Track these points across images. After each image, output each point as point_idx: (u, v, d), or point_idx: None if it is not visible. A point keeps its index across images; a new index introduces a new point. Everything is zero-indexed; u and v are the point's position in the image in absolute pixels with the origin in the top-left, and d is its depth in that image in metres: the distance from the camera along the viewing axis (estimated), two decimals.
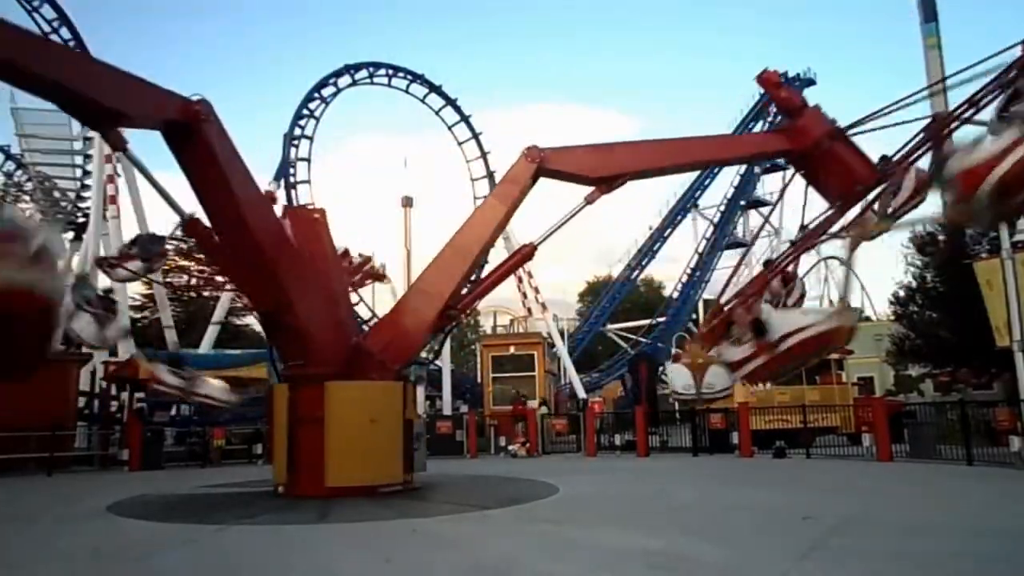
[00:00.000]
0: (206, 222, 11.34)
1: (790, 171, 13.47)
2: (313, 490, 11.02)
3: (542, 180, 12.30)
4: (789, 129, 11.96)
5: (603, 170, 11.93)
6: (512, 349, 27.68)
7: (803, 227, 11.38)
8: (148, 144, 11.74)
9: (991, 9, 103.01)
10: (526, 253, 12.78)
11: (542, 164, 12.02)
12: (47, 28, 28.08)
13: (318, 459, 11.19)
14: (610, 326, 52.59)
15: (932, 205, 9.61)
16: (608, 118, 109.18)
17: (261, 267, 11.34)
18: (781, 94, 12.03)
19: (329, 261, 13.55)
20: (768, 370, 9.61)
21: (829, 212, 11.22)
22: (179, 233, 22.52)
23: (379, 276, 20.75)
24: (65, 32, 28.28)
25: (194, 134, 10.34)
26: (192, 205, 11.40)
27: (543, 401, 25.57)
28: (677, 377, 11.71)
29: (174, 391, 14.08)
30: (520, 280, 33.79)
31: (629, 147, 12.80)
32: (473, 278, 14.28)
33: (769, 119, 46.99)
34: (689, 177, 51.28)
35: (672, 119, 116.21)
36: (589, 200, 11.87)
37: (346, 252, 17.16)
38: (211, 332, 30.57)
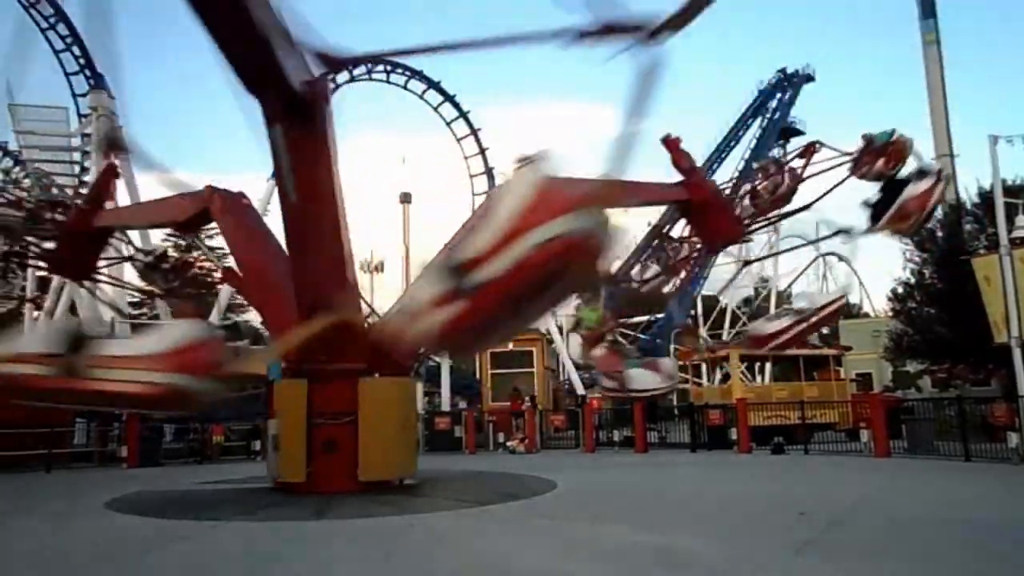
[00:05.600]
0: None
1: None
2: (345, 485, 11.15)
3: None
4: (686, 184, 14.65)
5: None
6: (511, 345, 27.59)
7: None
8: None
9: (992, 7, 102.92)
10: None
11: None
12: (44, 24, 27.99)
13: (351, 455, 11.31)
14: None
15: None
16: (608, 115, 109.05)
17: (324, 261, 11.37)
18: (679, 157, 14.69)
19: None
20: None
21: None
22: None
23: None
24: (62, 28, 28.18)
25: (314, 114, 10.71)
26: None
27: (532, 397, 25.55)
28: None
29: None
30: None
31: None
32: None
33: (768, 115, 46.93)
34: None
35: (673, 116, 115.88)
36: None
37: None
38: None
